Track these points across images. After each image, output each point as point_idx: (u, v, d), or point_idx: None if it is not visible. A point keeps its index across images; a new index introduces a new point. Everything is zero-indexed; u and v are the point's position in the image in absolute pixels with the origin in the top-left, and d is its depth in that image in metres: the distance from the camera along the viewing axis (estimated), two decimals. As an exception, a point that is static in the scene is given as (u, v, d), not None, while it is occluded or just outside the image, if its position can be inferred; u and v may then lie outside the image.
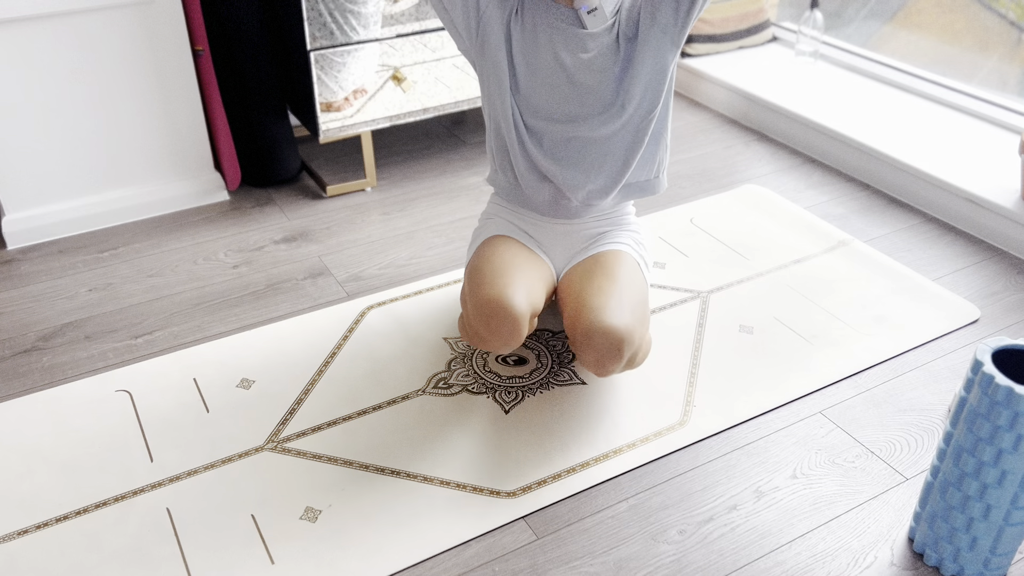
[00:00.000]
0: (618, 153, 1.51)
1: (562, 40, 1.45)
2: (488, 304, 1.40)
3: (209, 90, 2.10)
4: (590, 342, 1.39)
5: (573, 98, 1.47)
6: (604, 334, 1.38)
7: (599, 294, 1.45)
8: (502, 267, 1.47)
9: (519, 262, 1.51)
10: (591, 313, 1.41)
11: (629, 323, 1.41)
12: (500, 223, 1.61)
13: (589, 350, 1.40)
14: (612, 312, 1.41)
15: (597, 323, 1.39)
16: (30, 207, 2.02)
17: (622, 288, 1.48)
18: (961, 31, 2.48)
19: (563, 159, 1.51)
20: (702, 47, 2.81)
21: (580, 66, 1.46)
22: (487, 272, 1.46)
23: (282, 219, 2.14)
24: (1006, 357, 1.20)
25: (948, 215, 2.12)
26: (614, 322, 1.39)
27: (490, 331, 1.40)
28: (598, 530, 1.33)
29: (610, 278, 1.50)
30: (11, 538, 1.30)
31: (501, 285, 1.42)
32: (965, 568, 1.24)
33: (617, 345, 1.39)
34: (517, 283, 1.45)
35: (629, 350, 1.40)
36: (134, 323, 1.77)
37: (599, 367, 1.41)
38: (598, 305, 1.43)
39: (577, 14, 1.43)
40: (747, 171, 2.37)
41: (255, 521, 1.33)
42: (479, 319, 1.41)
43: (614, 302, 1.43)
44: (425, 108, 2.21)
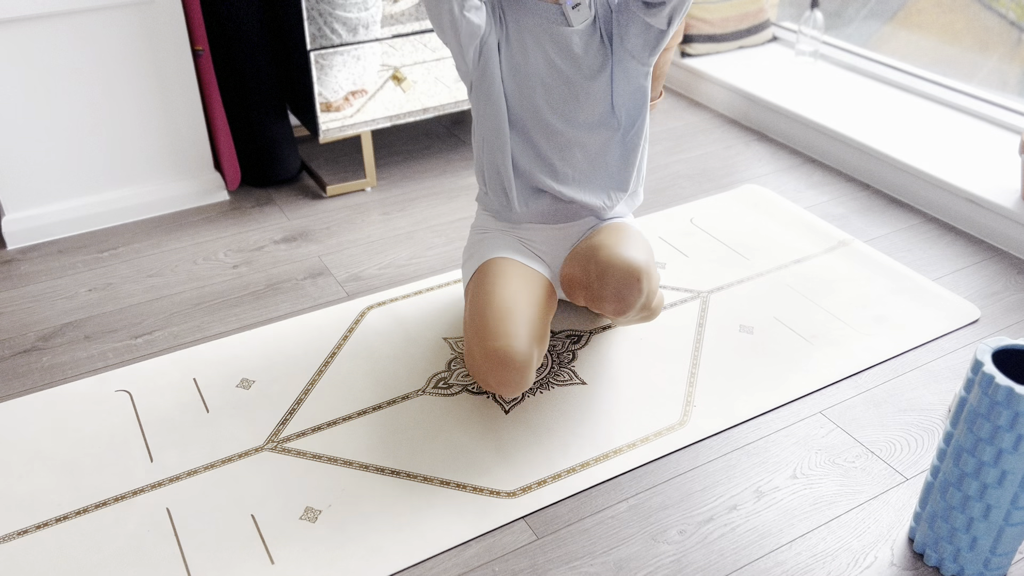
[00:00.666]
0: (613, 160, 1.53)
1: (550, 40, 1.45)
2: (495, 356, 1.38)
3: (209, 90, 2.10)
4: (609, 274, 1.41)
5: (570, 100, 1.48)
6: (623, 264, 1.41)
7: (609, 238, 1.49)
8: (504, 309, 1.43)
9: (521, 296, 1.48)
10: (606, 250, 1.45)
11: (645, 258, 1.45)
12: (495, 238, 1.59)
13: (608, 284, 1.41)
14: (627, 248, 1.45)
15: (616, 255, 1.42)
16: (30, 207, 2.02)
17: (631, 236, 1.52)
18: (961, 31, 2.48)
19: (560, 170, 1.52)
20: (702, 47, 2.81)
21: (573, 66, 1.46)
22: (489, 317, 1.42)
23: (282, 219, 2.14)
24: (1006, 357, 1.20)
25: (948, 215, 2.12)
26: (631, 254, 1.43)
27: (499, 382, 1.40)
28: (598, 530, 1.33)
29: (617, 230, 1.54)
30: (11, 538, 1.30)
31: (505, 336, 1.39)
32: (965, 568, 1.24)
33: (636, 275, 1.40)
34: (520, 327, 1.42)
35: (648, 283, 1.42)
36: (134, 323, 1.77)
37: (618, 301, 1.41)
38: (611, 244, 1.46)
39: (562, 10, 1.44)
40: (747, 171, 2.37)
41: (255, 521, 1.33)
42: (486, 369, 1.40)
43: (626, 243, 1.48)
44: (425, 108, 2.21)
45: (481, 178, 1.60)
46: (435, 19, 1.42)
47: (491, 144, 1.53)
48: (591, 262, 1.46)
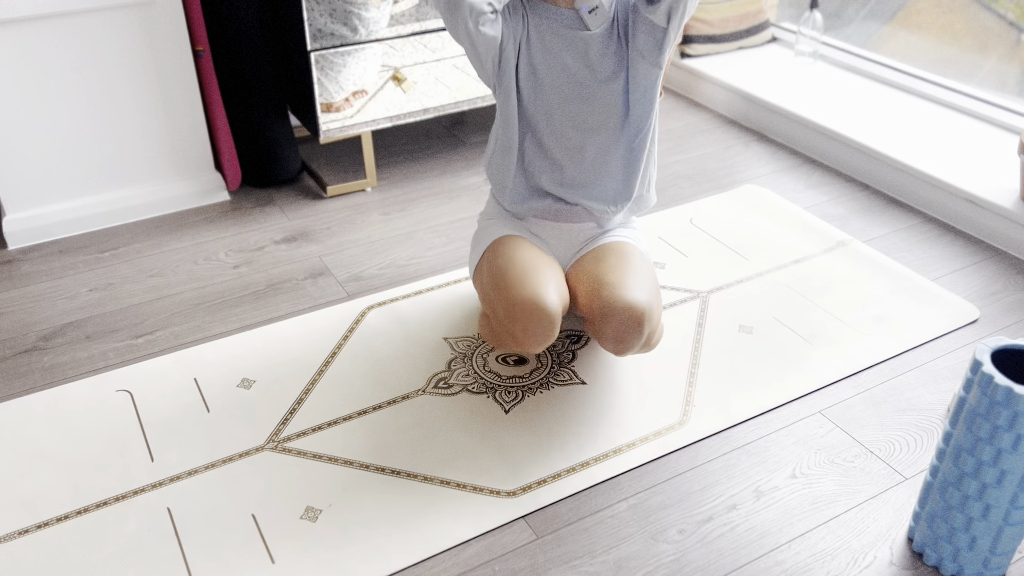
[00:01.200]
0: (620, 165, 1.54)
1: (567, 45, 1.46)
2: (522, 305, 1.39)
3: (209, 90, 2.10)
4: (610, 317, 1.40)
5: (583, 103, 1.48)
6: (625, 308, 1.39)
7: (615, 272, 1.47)
8: (527, 267, 1.47)
9: (540, 260, 1.51)
10: (610, 289, 1.43)
11: (648, 299, 1.43)
12: (504, 223, 1.61)
13: (609, 324, 1.40)
14: (630, 288, 1.43)
15: (618, 297, 1.41)
16: (30, 207, 2.02)
17: (636, 269, 1.50)
18: (961, 31, 2.48)
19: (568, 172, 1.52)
20: (702, 47, 2.81)
21: (588, 70, 1.47)
22: (513, 274, 1.45)
23: (282, 219, 2.14)
24: (1006, 357, 1.20)
25: (948, 215, 2.12)
26: (634, 296, 1.41)
27: (526, 333, 1.40)
28: (598, 530, 1.33)
29: (622, 260, 1.52)
30: (11, 538, 1.31)
31: (533, 285, 1.42)
32: (964, 568, 1.24)
33: (638, 319, 1.39)
34: (547, 281, 1.45)
35: (649, 326, 1.41)
36: (134, 323, 1.78)
37: (619, 342, 1.41)
38: (616, 282, 1.44)
39: (579, 14, 1.44)
40: (747, 171, 2.37)
41: (255, 521, 1.33)
42: (514, 321, 1.40)
43: (631, 279, 1.45)
44: (425, 108, 2.21)
45: (489, 172, 1.61)
46: (452, 32, 1.45)
47: (502, 143, 1.54)
48: (595, 299, 1.44)
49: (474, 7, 1.40)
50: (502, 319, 1.42)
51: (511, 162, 1.54)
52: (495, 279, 1.48)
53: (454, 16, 1.42)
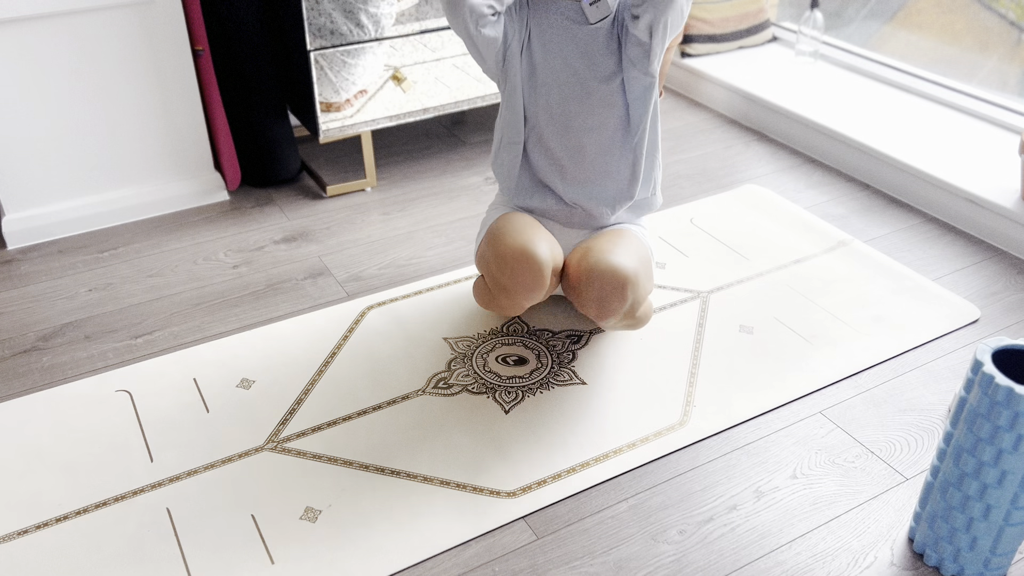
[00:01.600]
0: (620, 165, 1.54)
1: (569, 39, 1.47)
2: (512, 253, 1.41)
3: (209, 90, 2.10)
4: (593, 278, 1.41)
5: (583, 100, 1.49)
6: (608, 271, 1.41)
7: (606, 243, 1.49)
8: (522, 226, 1.50)
9: (538, 226, 1.54)
10: (595, 254, 1.45)
11: (634, 267, 1.44)
12: (511, 208, 1.63)
13: (591, 287, 1.41)
14: (618, 255, 1.44)
15: (602, 261, 1.42)
16: (30, 207, 2.02)
17: (627, 243, 1.52)
18: (961, 31, 2.48)
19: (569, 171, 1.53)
20: (702, 47, 2.81)
21: (589, 66, 1.48)
22: (508, 229, 1.49)
23: (282, 219, 2.14)
24: (1006, 357, 1.20)
25: (948, 215, 2.12)
26: (619, 260, 1.42)
27: (516, 281, 1.41)
28: (598, 530, 1.33)
29: (617, 235, 1.54)
30: (11, 538, 1.31)
31: (525, 238, 1.45)
32: (965, 568, 1.24)
33: (621, 282, 1.40)
34: (540, 238, 1.48)
35: (632, 292, 1.41)
36: (134, 323, 1.77)
37: (601, 306, 1.41)
38: (605, 248, 1.46)
39: (581, 7, 1.45)
40: (747, 171, 2.37)
41: (255, 521, 1.33)
42: (503, 269, 1.42)
43: (621, 250, 1.47)
44: (425, 108, 2.21)
45: (495, 167, 1.62)
46: (454, 29, 1.47)
47: (509, 138, 1.56)
48: (581, 262, 1.47)
49: (474, 9, 1.41)
50: (493, 270, 1.44)
51: (516, 157, 1.56)
52: (490, 238, 1.52)
53: (454, 16, 1.43)
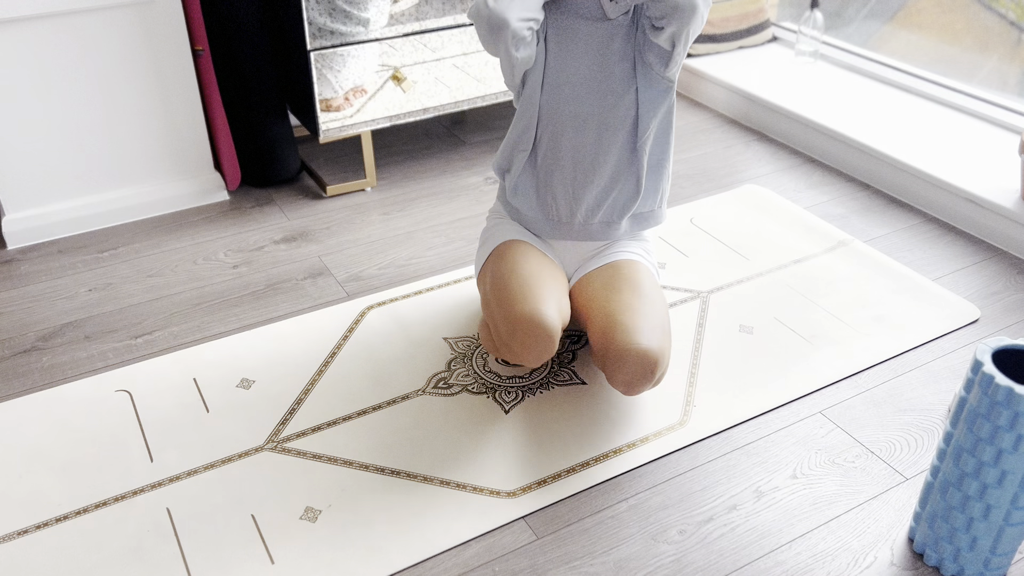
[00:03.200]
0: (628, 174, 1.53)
1: (586, 36, 1.45)
2: (522, 321, 1.38)
3: (209, 90, 2.10)
4: (623, 365, 1.38)
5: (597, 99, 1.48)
6: (639, 357, 1.37)
7: (628, 311, 1.44)
8: (529, 280, 1.45)
9: (544, 273, 1.50)
10: (623, 333, 1.40)
11: (661, 344, 1.40)
12: (512, 226, 1.61)
13: (622, 371, 1.39)
14: (645, 333, 1.40)
15: (632, 346, 1.38)
16: (30, 207, 2.02)
17: (650, 305, 1.47)
18: (961, 31, 2.48)
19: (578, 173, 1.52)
20: (702, 47, 2.81)
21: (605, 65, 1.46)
22: (515, 286, 1.44)
23: (282, 219, 2.14)
24: (1006, 357, 1.20)
25: (948, 215, 2.12)
26: (648, 344, 1.38)
27: (525, 348, 1.39)
28: (598, 530, 1.33)
29: (635, 293, 1.49)
30: (11, 538, 1.30)
31: (533, 300, 1.41)
32: (965, 568, 1.24)
33: (651, 368, 1.38)
34: (548, 297, 1.43)
35: (660, 371, 1.40)
36: (134, 323, 1.77)
37: (629, 388, 1.40)
38: (630, 325, 1.41)
39: (599, 2, 1.44)
40: (747, 171, 2.37)
41: (255, 521, 1.33)
42: (512, 336, 1.40)
43: (646, 323, 1.42)
44: (425, 108, 2.21)
45: (499, 167, 1.61)
46: (491, 53, 1.45)
47: (521, 145, 1.54)
48: (608, 340, 1.41)
49: (516, 33, 1.38)
50: (502, 333, 1.42)
51: (522, 162, 1.55)
52: (496, 290, 1.47)
53: (496, 42, 1.40)
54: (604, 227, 1.58)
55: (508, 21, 1.36)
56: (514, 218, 1.62)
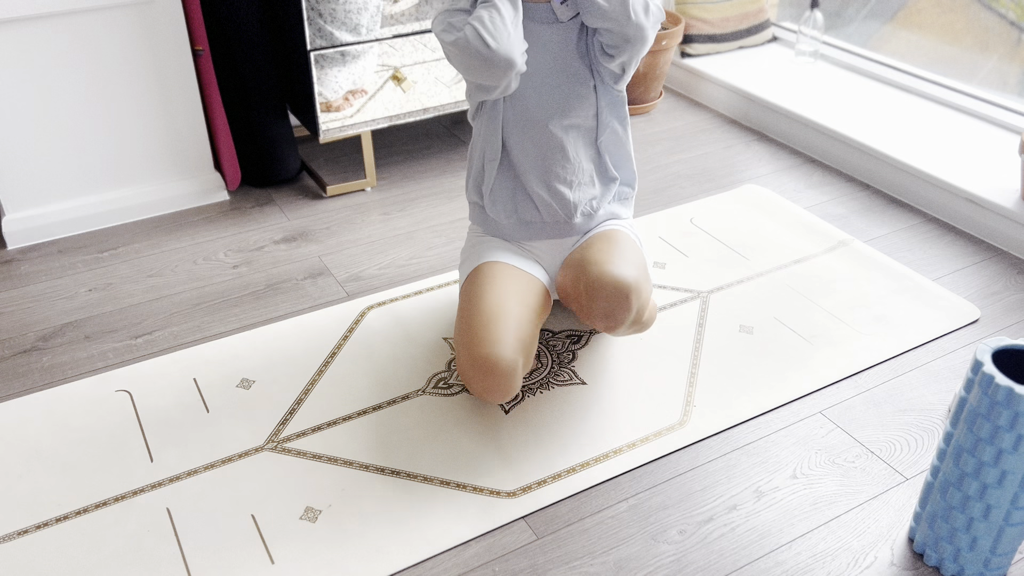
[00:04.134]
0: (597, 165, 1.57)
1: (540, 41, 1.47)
2: (479, 362, 1.38)
3: (209, 90, 2.10)
4: (598, 292, 1.40)
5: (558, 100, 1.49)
6: (612, 282, 1.39)
7: (601, 252, 1.47)
8: (491, 314, 1.43)
9: (510, 301, 1.47)
10: (596, 266, 1.43)
11: (636, 274, 1.43)
12: (490, 242, 1.60)
13: (598, 300, 1.40)
14: (617, 264, 1.43)
15: (605, 273, 1.41)
16: (30, 207, 2.02)
17: (623, 249, 1.50)
18: (961, 31, 2.48)
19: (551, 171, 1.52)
20: (702, 47, 2.81)
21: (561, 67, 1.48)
22: (476, 324, 1.42)
23: (282, 219, 2.14)
24: (1006, 357, 1.20)
25: (948, 215, 2.12)
26: (621, 271, 1.41)
27: (484, 388, 1.40)
28: (598, 530, 1.33)
29: (609, 241, 1.52)
30: (11, 538, 1.30)
31: (491, 342, 1.38)
32: (965, 568, 1.24)
33: (625, 292, 1.39)
34: (506, 334, 1.40)
35: (637, 300, 1.41)
36: (134, 323, 1.77)
37: (608, 318, 1.41)
38: (602, 259, 1.44)
39: (551, 7, 1.45)
40: (747, 171, 2.37)
41: (255, 521, 1.33)
42: (473, 375, 1.40)
43: (618, 258, 1.46)
44: (425, 108, 2.21)
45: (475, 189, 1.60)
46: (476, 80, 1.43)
47: (488, 156, 1.54)
48: (581, 278, 1.45)
49: (520, 71, 1.40)
50: (464, 369, 1.42)
51: (493, 172, 1.54)
52: (461, 324, 1.46)
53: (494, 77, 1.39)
54: (586, 219, 1.59)
55: (514, 62, 1.37)
56: (492, 233, 1.61)
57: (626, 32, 1.39)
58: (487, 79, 1.40)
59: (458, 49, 1.38)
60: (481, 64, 1.37)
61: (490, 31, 1.34)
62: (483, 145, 1.55)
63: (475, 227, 1.65)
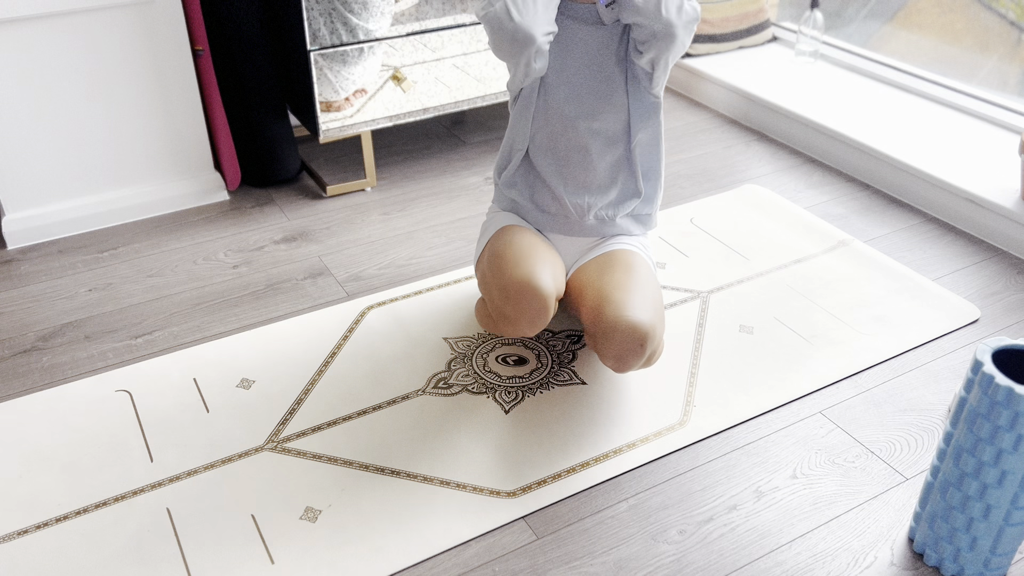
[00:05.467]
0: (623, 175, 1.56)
1: (581, 42, 1.48)
2: (516, 285, 1.41)
3: (209, 90, 2.10)
4: (613, 337, 1.40)
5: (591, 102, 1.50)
6: (628, 329, 1.39)
7: (620, 289, 1.46)
8: (525, 250, 1.48)
9: (540, 248, 1.52)
10: (614, 307, 1.42)
11: (652, 319, 1.42)
12: (511, 216, 1.62)
13: (611, 345, 1.40)
14: (635, 307, 1.42)
15: (622, 318, 1.40)
16: (30, 207, 2.02)
17: (642, 285, 1.49)
18: (961, 31, 2.48)
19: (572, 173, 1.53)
20: (702, 47, 2.81)
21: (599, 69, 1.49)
22: (510, 255, 1.47)
23: (282, 219, 2.14)
24: (1006, 357, 1.20)
25: (948, 215, 2.12)
26: (638, 317, 1.40)
27: (519, 311, 1.41)
28: (598, 530, 1.33)
29: (628, 273, 1.51)
30: (11, 538, 1.30)
31: (528, 266, 1.43)
32: (965, 568, 1.24)
33: (640, 340, 1.39)
34: (542, 265, 1.46)
35: (651, 346, 1.41)
36: (134, 323, 1.77)
37: (619, 362, 1.41)
38: (620, 300, 1.43)
39: (596, 9, 1.46)
40: (747, 171, 2.37)
41: (255, 521, 1.33)
42: (506, 300, 1.41)
43: (636, 298, 1.44)
44: (425, 108, 2.21)
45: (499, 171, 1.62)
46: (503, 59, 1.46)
47: (517, 145, 1.56)
48: (598, 316, 1.43)
49: (540, 48, 1.41)
50: (496, 299, 1.44)
51: (519, 159, 1.56)
52: (492, 261, 1.50)
53: (515, 53, 1.41)
54: (599, 224, 1.59)
55: (535, 37, 1.39)
56: (512, 211, 1.63)
57: (655, 28, 1.39)
58: (508, 54, 1.43)
59: (487, 22, 1.42)
60: (503, 37, 1.40)
61: (518, 6, 1.38)
62: (513, 133, 1.57)
63: (495, 207, 1.68)
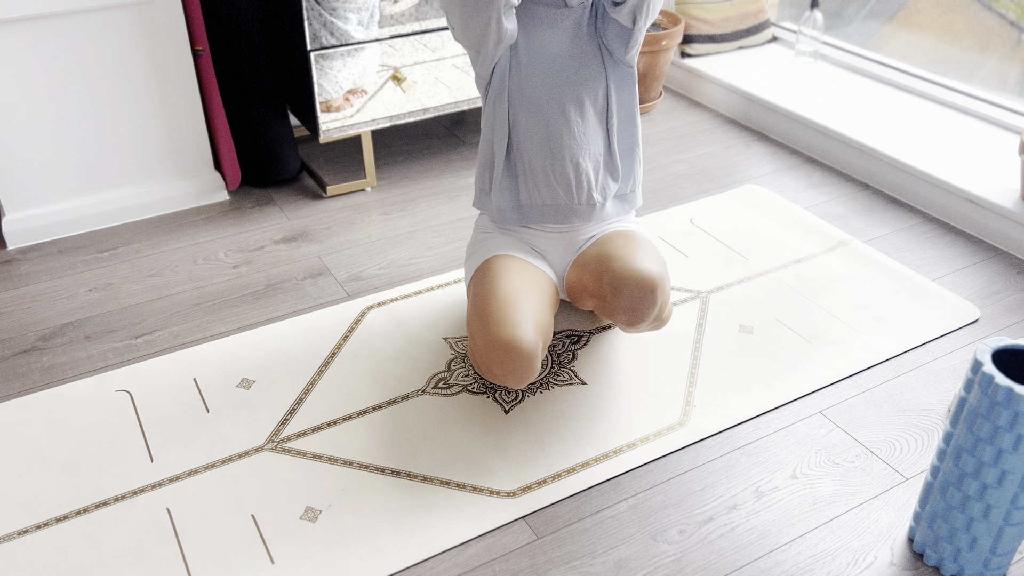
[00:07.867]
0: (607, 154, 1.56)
1: (549, 25, 1.49)
2: (500, 346, 1.38)
3: (209, 90, 2.10)
4: (623, 288, 1.40)
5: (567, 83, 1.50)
6: (638, 278, 1.40)
7: (622, 248, 1.49)
8: (509, 299, 1.44)
9: (525, 289, 1.48)
10: (620, 261, 1.44)
11: (659, 269, 1.44)
12: (498, 237, 1.60)
13: (622, 298, 1.41)
14: (640, 260, 1.45)
15: (630, 268, 1.42)
16: (30, 207, 2.02)
17: (644, 246, 1.52)
18: (961, 31, 2.48)
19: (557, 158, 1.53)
20: (702, 47, 2.81)
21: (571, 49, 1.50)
22: (494, 308, 1.43)
23: (282, 219, 2.14)
24: (1006, 357, 1.20)
25: (948, 215, 2.12)
26: (646, 266, 1.43)
27: (505, 371, 1.40)
28: (598, 530, 1.33)
29: (628, 239, 1.54)
30: (11, 538, 1.31)
31: (512, 324, 1.39)
32: (965, 568, 1.24)
33: (651, 287, 1.40)
34: (526, 317, 1.42)
35: (662, 295, 1.42)
36: (134, 323, 1.77)
37: (632, 313, 1.41)
38: (625, 255, 1.46)
39: None
40: (747, 171, 2.37)
41: (255, 521, 1.33)
42: (492, 360, 1.40)
43: (640, 253, 1.47)
44: (425, 108, 2.21)
45: (482, 178, 1.60)
46: (471, 27, 1.42)
47: (497, 147, 1.55)
48: (604, 274, 1.45)
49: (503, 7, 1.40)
50: (481, 352, 1.42)
51: (502, 150, 1.54)
52: (477, 311, 1.46)
53: (481, 15, 1.39)
54: (589, 208, 1.58)
55: None
56: (498, 223, 1.61)
57: None
58: (471, 22, 1.40)
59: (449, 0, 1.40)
60: (466, 5, 1.37)
61: None
62: (491, 126, 1.56)
63: (481, 219, 1.66)
